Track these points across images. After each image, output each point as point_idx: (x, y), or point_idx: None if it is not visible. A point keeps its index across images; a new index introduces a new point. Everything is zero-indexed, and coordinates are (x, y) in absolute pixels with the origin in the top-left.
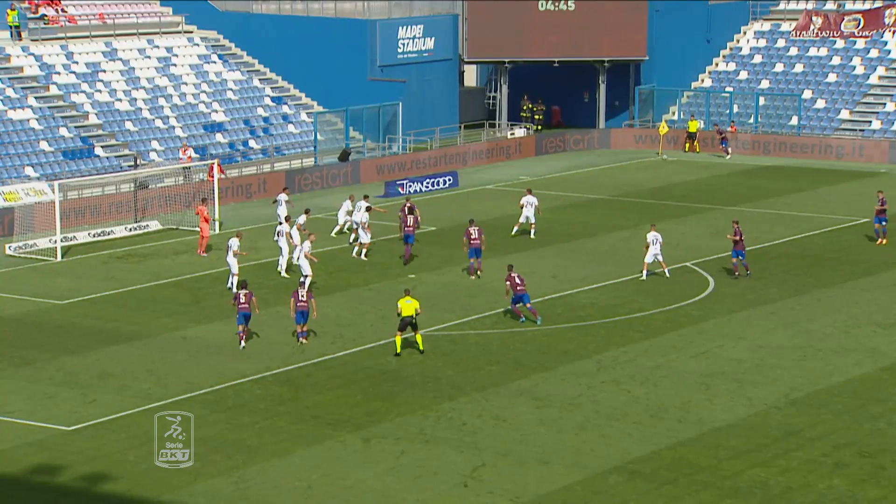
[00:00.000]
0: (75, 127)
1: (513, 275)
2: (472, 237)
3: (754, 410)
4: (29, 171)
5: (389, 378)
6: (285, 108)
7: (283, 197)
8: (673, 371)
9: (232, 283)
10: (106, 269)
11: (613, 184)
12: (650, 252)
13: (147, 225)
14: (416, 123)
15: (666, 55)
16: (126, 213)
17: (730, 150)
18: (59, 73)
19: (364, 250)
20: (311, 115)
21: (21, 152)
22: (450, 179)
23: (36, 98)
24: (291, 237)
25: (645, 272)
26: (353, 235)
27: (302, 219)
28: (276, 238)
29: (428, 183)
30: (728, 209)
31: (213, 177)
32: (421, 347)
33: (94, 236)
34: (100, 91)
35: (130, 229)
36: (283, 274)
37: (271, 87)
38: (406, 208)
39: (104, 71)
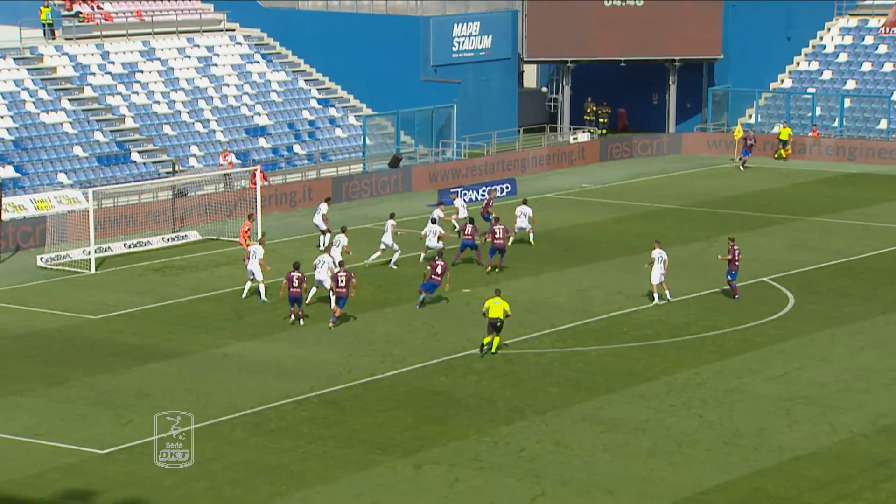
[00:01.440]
0: (111, 131)
1: (437, 262)
2: (497, 236)
3: (839, 438)
4: (62, 177)
5: (442, 400)
6: (332, 111)
7: (323, 206)
8: (749, 395)
9: (259, 292)
10: (142, 282)
11: (684, 192)
12: (656, 271)
13: (186, 235)
14: (471, 127)
15: (742, 53)
16: (164, 223)
17: (745, 162)
18: (94, 74)
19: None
20: (359, 119)
21: (54, 158)
22: (507, 187)
23: (70, 100)
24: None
25: (656, 294)
26: (388, 255)
27: (344, 239)
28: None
29: (484, 191)
30: (810, 220)
31: (255, 184)
32: (494, 350)
33: (129, 247)
34: (137, 93)
35: (168, 240)
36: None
37: (318, 89)
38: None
39: (141, 72)
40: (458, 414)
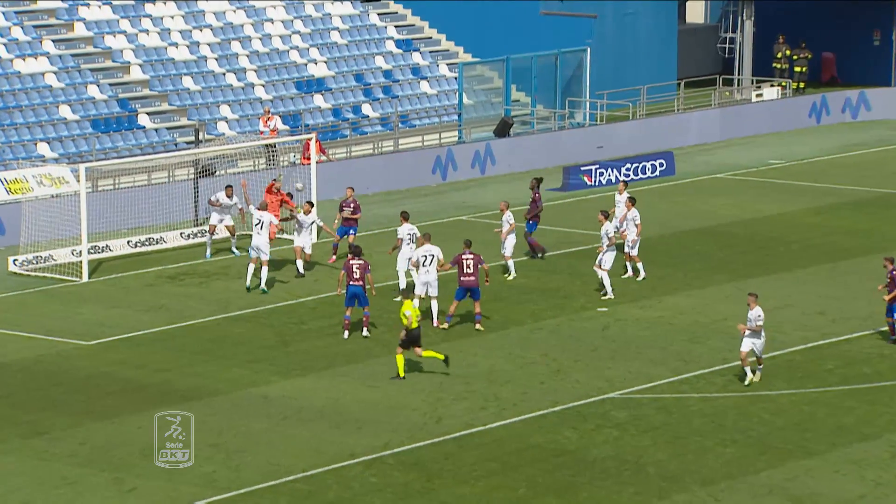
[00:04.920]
0: (110, 85)
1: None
2: (466, 271)
3: None
4: (43, 148)
5: (568, 462)
6: (417, 58)
7: (221, 196)
8: None
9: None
10: (153, 295)
11: None
12: (749, 342)
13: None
14: (611, 80)
15: None
16: (183, 212)
17: None
18: (87, 6)
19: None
20: (454, 69)
21: (33, 121)
22: (662, 164)
23: (55, 42)
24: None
25: (747, 369)
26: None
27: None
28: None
29: (629, 169)
30: None
31: (308, 158)
32: None
33: (135, 246)
34: (146, 31)
35: (188, 236)
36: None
37: (396, 27)
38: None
39: (152, 2)
40: (591, 483)
